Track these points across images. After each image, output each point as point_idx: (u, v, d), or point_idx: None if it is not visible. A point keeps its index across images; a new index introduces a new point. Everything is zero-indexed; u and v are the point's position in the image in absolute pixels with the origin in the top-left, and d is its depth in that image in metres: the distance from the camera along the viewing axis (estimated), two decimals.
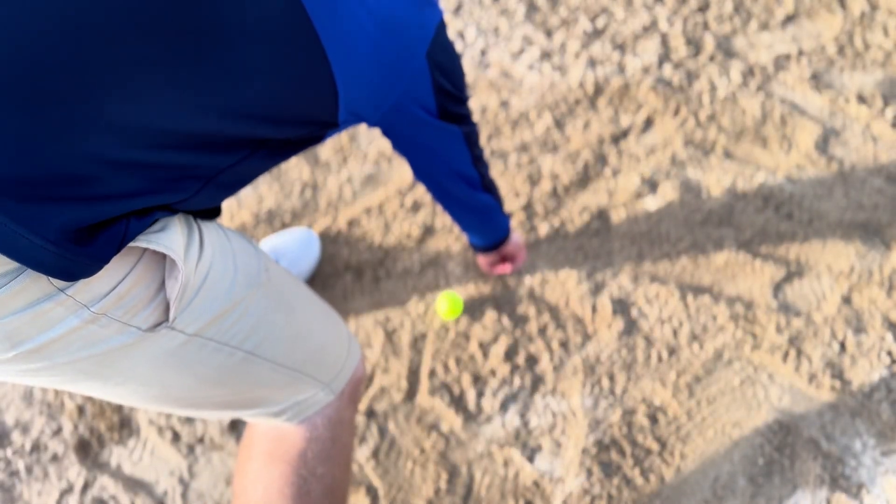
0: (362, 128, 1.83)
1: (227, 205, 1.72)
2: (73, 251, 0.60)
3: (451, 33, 2.04)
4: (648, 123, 1.81)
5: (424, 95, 0.91)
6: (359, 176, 1.75)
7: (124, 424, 1.43)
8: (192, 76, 0.67)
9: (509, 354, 1.46)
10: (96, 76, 0.61)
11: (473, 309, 1.52)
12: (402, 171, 1.76)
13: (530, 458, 1.34)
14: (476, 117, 1.84)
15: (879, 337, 1.45)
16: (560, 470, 1.33)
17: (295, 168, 1.78)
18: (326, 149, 1.80)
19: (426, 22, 0.88)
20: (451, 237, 1.64)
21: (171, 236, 0.72)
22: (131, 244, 0.68)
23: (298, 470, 0.96)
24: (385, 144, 1.80)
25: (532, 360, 1.45)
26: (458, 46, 2.01)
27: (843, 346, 1.44)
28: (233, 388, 0.86)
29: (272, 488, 0.95)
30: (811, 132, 1.77)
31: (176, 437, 1.41)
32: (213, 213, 0.87)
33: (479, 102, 1.87)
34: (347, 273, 1.60)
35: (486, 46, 2.01)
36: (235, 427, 1.40)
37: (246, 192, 1.74)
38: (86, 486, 1.35)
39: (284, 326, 0.88)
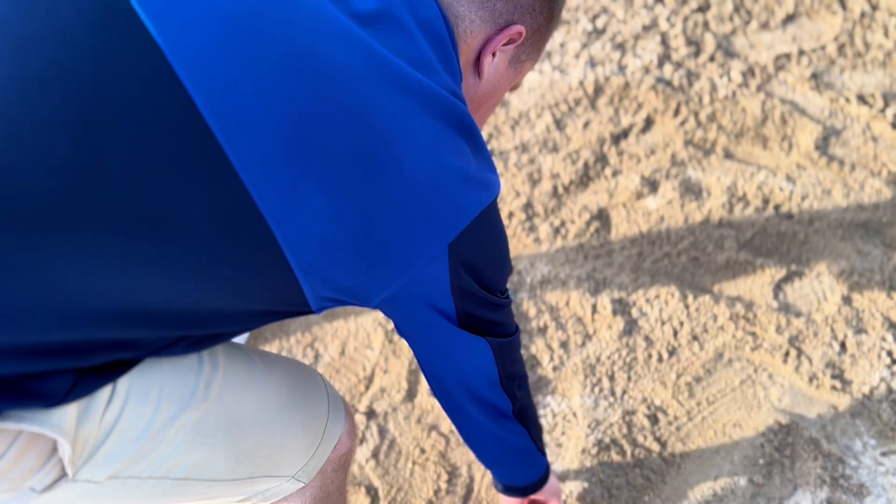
0: None
1: None
2: None
3: None
4: (648, 123, 1.81)
5: (438, 295, 0.70)
6: None
7: None
8: (43, 277, 0.56)
9: None
10: None
11: None
12: None
13: None
14: None
15: (880, 337, 1.45)
16: (560, 471, 1.32)
17: None
18: None
19: (464, 205, 0.67)
20: None
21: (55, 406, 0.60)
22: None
23: None
24: None
25: (532, 360, 1.45)
26: None
27: (843, 346, 1.44)
28: (171, 502, 0.76)
29: None
30: (811, 132, 1.77)
31: None
32: None
33: None
34: None
35: None
36: None
37: None
38: None
39: (225, 445, 0.75)
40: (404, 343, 1.49)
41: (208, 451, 0.73)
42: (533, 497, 1.12)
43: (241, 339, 1.50)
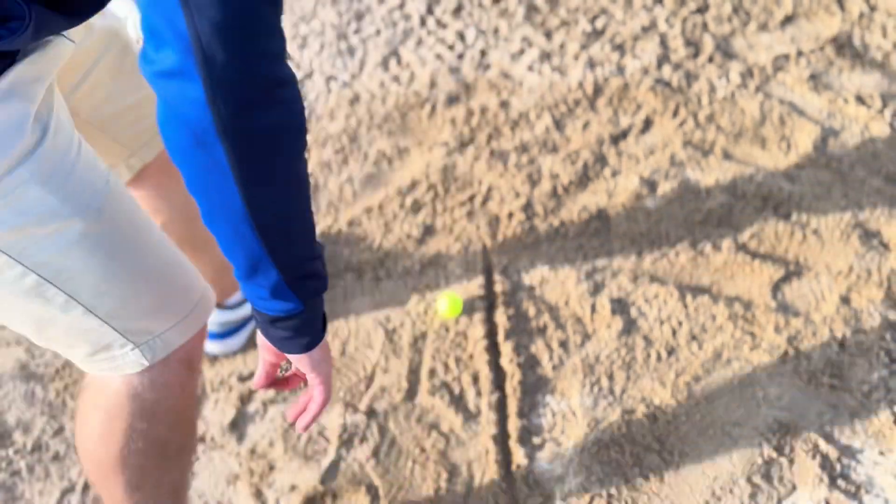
0: (363, 128, 1.84)
1: None
2: None
3: (452, 34, 2.04)
4: (648, 124, 1.82)
5: None
6: (359, 176, 1.75)
7: None
8: None
9: (509, 354, 1.47)
10: None
11: (473, 309, 1.53)
12: (402, 171, 1.76)
13: (530, 458, 1.35)
14: (476, 118, 1.85)
15: (878, 337, 1.45)
16: (560, 469, 1.33)
17: None
18: (327, 149, 1.80)
19: None
20: (451, 237, 1.64)
21: None
22: None
23: (113, 420, 0.93)
24: (385, 144, 1.81)
25: (532, 360, 1.46)
26: (459, 48, 2.01)
27: (841, 345, 1.45)
28: (21, 313, 0.80)
29: (93, 433, 0.95)
30: (810, 132, 1.77)
31: None
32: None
33: (480, 103, 1.87)
34: (348, 273, 1.60)
35: (486, 47, 2.01)
36: (236, 426, 1.41)
37: None
38: (87, 486, 1.35)
39: (96, 270, 0.79)
40: (404, 343, 1.49)
41: (80, 265, 0.78)
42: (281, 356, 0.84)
43: (239, 341, 1.51)
